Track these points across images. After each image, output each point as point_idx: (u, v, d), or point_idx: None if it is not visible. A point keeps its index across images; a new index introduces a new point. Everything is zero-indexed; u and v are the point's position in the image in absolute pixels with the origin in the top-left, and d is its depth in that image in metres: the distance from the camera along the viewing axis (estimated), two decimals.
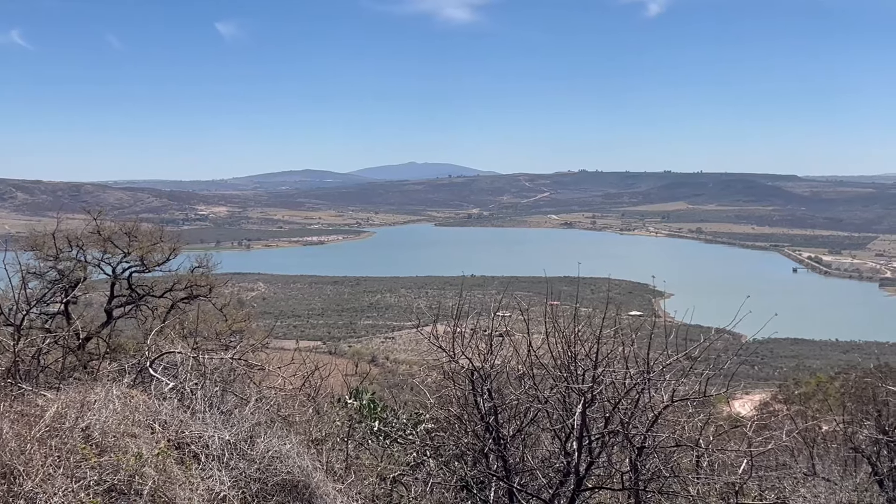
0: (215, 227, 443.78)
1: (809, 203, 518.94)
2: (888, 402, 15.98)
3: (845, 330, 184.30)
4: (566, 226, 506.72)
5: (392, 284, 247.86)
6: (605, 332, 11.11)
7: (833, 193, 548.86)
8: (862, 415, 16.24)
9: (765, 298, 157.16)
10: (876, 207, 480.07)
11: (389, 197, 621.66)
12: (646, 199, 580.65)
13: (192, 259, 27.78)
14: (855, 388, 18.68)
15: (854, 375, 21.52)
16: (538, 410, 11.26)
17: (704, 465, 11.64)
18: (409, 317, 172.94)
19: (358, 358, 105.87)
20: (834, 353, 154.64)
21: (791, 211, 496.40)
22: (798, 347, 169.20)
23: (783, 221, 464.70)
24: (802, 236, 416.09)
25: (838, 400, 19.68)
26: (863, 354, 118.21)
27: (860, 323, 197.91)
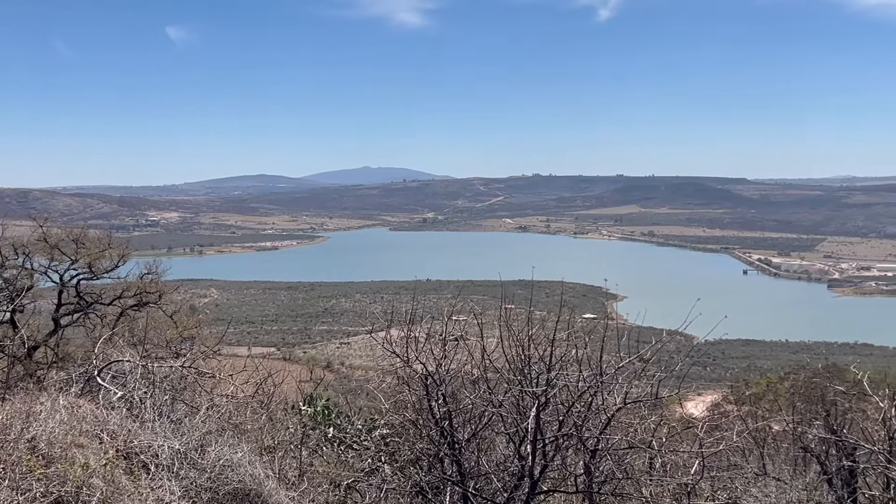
0: (167, 233, 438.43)
1: (759, 206, 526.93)
2: (836, 401, 16.23)
3: (795, 331, 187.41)
4: (521, 229, 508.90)
5: (347, 289, 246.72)
6: (559, 336, 11.15)
7: (782, 196, 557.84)
8: (811, 414, 16.49)
9: (716, 300, 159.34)
10: (824, 210, 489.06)
11: (344, 202, 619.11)
12: (599, 202, 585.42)
13: (141, 265, 27.43)
14: (804, 388, 19.01)
15: (803, 375, 21.89)
16: (493, 414, 11.26)
17: (657, 467, 11.72)
18: (365, 322, 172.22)
19: (312, 364, 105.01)
20: (784, 354, 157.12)
21: (741, 213, 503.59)
22: (749, 348, 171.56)
23: (733, 224, 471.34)
24: (752, 238, 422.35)
25: (788, 400, 19.98)
26: (812, 355, 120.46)
27: (809, 324, 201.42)
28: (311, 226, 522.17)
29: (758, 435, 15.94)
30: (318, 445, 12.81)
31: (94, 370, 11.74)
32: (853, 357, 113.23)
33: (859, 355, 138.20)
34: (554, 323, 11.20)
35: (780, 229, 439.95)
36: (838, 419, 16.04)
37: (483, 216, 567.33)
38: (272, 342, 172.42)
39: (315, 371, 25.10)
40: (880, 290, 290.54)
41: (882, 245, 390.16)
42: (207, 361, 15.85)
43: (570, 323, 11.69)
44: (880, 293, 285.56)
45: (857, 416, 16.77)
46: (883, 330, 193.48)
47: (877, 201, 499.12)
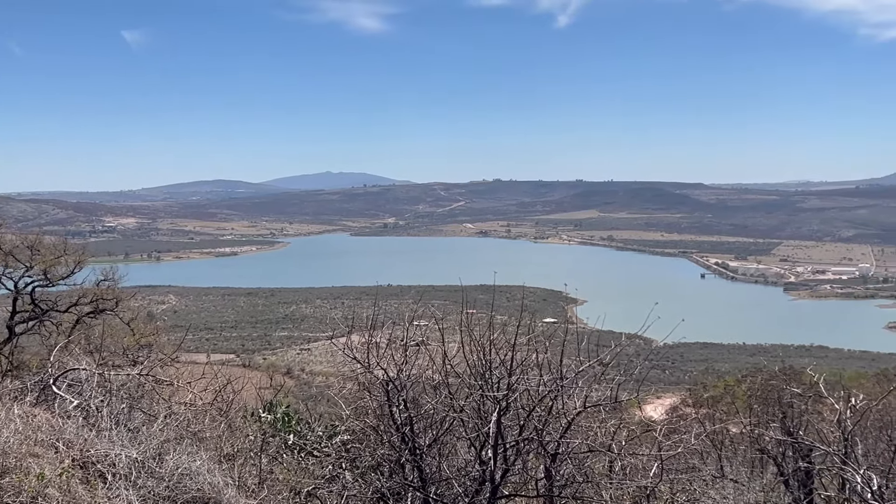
0: (124, 240, 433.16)
1: (716, 210, 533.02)
2: (793, 403, 16.47)
3: (752, 333, 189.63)
4: (482, 234, 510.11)
5: (307, 295, 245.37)
6: (520, 340, 11.19)
7: (738, 201, 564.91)
8: (768, 417, 16.72)
9: (674, 304, 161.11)
10: (780, 214, 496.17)
11: (304, 207, 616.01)
12: (559, 207, 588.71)
13: (97, 272, 27.09)
14: (761, 390, 19.23)
15: (760, 378, 22.14)
16: (454, 419, 11.26)
17: (617, 470, 11.82)
18: (325, 328, 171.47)
19: (273, 370, 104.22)
20: (741, 357, 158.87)
21: (698, 218, 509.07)
22: (707, 351, 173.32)
23: (691, 228, 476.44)
24: (710, 242, 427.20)
25: (745, 402, 20.22)
26: (769, 357, 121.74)
27: (766, 326, 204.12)
28: (270, 231, 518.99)
29: (716, 437, 16.14)
30: (278, 452, 12.72)
31: (50, 378, 11.57)
32: (809, 359, 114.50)
33: (815, 358, 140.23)
34: (515, 327, 11.24)
35: (737, 233, 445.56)
36: (794, 421, 16.29)
37: (444, 221, 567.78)
38: (231, 349, 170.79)
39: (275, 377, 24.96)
40: (835, 292, 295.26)
41: (836, 248, 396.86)
42: (165, 369, 15.67)
43: (531, 327, 11.74)
44: (835, 296, 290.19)
45: (813, 417, 17.04)
46: (838, 332, 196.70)
47: (831, 206, 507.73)
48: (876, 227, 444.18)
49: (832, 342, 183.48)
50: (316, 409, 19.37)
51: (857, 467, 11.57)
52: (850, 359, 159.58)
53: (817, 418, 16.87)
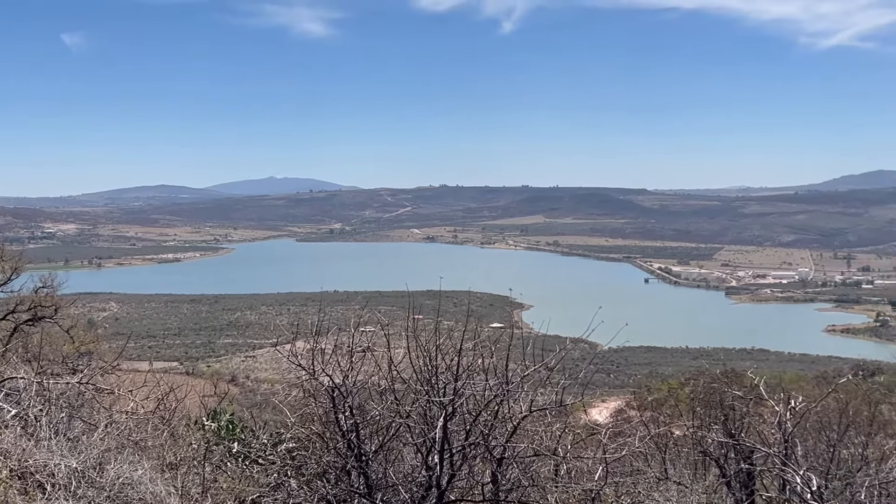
0: (64, 246, 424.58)
1: (659, 216, 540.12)
2: (734, 406, 16.74)
3: (695, 337, 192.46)
4: (428, 240, 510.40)
5: (252, 302, 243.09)
6: (466, 345, 11.20)
7: (681, 206, 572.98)
8: (710, 419, 16.98)
9: (619, 308, 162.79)
10: (721, 219, 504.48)
11: (249, 212, 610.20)
12: (505, 212, 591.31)
13: (36, 279, 26.54)
14: (703, 393, 19.53)
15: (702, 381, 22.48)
16: (400, 425, 11.23)
17: (562, 473, 11.89)
18: (270, 334, 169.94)
19: (217, 378, 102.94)
20: (685, 360, 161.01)
21: (642, 223, 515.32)
22: (651, 355, 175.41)
23: (635, 233, 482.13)
24: (653, 247, 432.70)
25: (688, 405, 20.51)
26: (711, 360, 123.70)
27: (708, 330, 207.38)
28: (214, 237, 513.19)
29: (660, 440, 16.33)
30: (222, 461, 12.57)
31: None
32: (750, 362, 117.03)
33: (756, 361, 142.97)
34: (461, 333, 11.25)
35: (680, 238, 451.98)
36: (736, 423, 16.57)
37: (391, 227, 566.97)
38: (175, 356, 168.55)
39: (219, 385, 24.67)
40: (775, 296, 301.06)
41: (776, 253, 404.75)
42: (106, 377, 15.39)
43: (477, 332, 11.76)
44: (775, 300, 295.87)
45: (755, 419, 17.34)
46: (778, 335, 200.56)
47: (771, 211, 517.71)
48: (814, 232, 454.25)
49: (773, 345, 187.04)
50: (261, 417, 19.18)
51: (797, 468, 11.80)
52: (790, 362, 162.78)
53: (758, 420, 17.18)
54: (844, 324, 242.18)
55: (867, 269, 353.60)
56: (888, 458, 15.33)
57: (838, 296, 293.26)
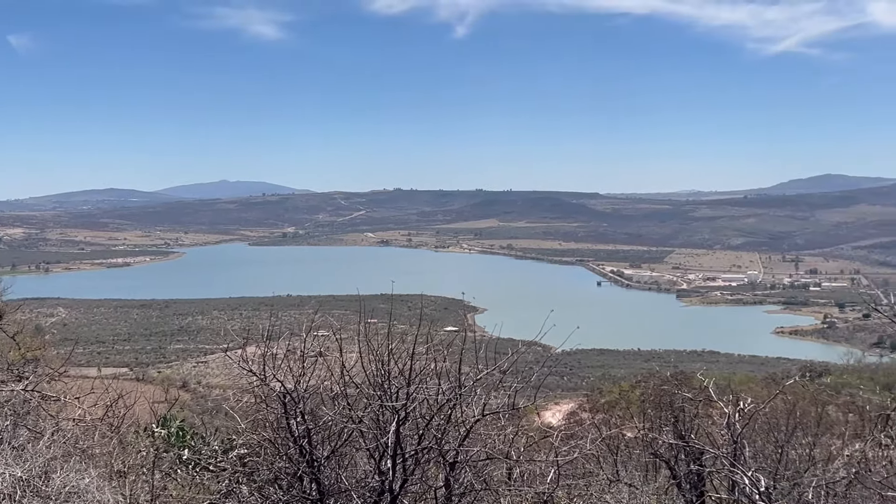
0: (10, 250, 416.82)
1: (611, 219, 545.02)
2: (684, 408, 16.94)
3: (647, 339, 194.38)
4: (383, 243, 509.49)
5: (203, 306, 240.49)
6: (419, 349, 11.19)
7: (633, 210, 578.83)
8: (661, 421, 17.16)
9: (573, 311, 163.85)
10: (672, 223, 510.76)
11: (200, 216, 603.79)
12: (459, 216, 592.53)
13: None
14: (654, 395, 19.74)
15: (653, 383, 22.72)
16: (353, 430, 11.17)
17: (516, 476, 11.91)
18: (222, 339, 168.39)
19: (168, 384, 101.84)
20: (637, 362, 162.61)
21: (594, 227, 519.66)
22: (604, 357, 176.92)
23: (587, 237, 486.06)
24: (605, 251, 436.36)
25: (639, 407, 20.71)
26: (662, 363, 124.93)
27: (660, 332, 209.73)
28: (165, 241, 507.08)
29: (611, 442, 16.46)
30: (171, 468, 12.41)
31: None
32: (701, 364, 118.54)
33: (706, 362, 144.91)
34: (414, 337, 11.23)
35: (632, 242, 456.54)
36: (686, 425, 16.77)
37: (345, 230, 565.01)
38: (124, 362, 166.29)
39: (170, 391, 24.34)
40: (725, 299, 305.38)
41: (726, 256, 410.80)
42: (53, 384, 15.12)
43: (430, 336, 11.75)
44: (725, 302, 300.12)
45: (704, 421, 17.57)
46: (728, 337, 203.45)
47: (721, 215, 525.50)
48: (763, 236, 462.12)
49: (723, 347, 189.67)
50: (212, 423, 18.99)
51: (746, 469, 11.96)
52: (739, 363, 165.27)
53: (708, 422, 17.40)
54: (793, 325, 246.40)
55: (815, 272, 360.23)
56: (835, 459, 15.64)
57: (787, 298, 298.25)
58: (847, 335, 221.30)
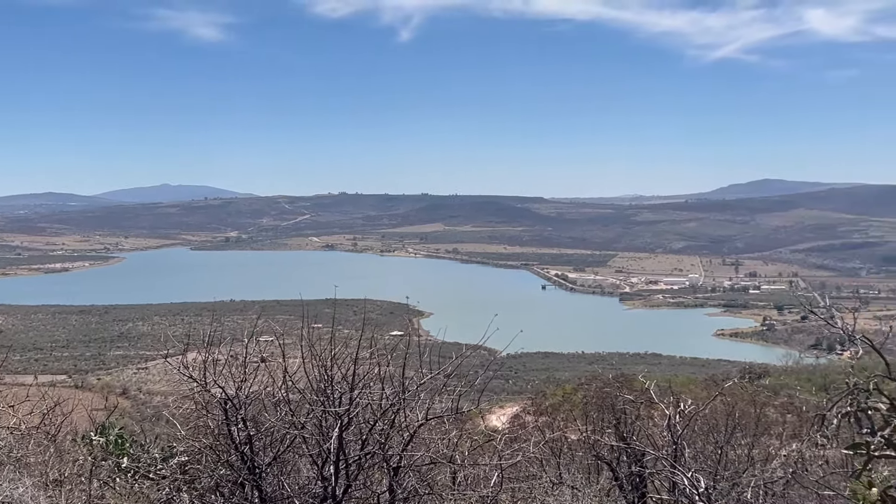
0: None
1: (555, 223, 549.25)
2: (626, 410, 17.13)
3: (591, 342, 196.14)
4: (328, 248, 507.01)
5: (145, 312, 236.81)
6: (363, 354, 11.14)
7: (576, 214, 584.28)
8: (603, 423, 17.34)
9: (518, 314, 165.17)
10: (615, 227, 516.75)
11: (140, 220, 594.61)
12: (405, 220, 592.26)
13: None
14: (596, 397, 19.94)
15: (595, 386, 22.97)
16: (295, 436, 11.07)
17: (460, 481, 11.92)
18: (163, 345, 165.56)
19: (107, 391, 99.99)
20: (581, 365, 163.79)
21: (539, 231, 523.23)
22: (548, 360, 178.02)
23: (532, 241, 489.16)
24: (550, 255, 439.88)
25: (582, 410, 20.89)
26: (606, 365, 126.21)
27: (604, 335, 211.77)
28: (105, 246, 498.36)
29: (554, 445, 16.58)
30: (110, 477, 12.18)
31: None
32: (644, 366, 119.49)
33: (649, 365, 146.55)
34: (358, 341, 11.19)
35: (576, 246, 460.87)
36: (628, 427, 16.95)
37: (289, 235, 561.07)
38: (63, 369, 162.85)
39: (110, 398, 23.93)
40: (667, 302, 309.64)
41: (668, 260, 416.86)
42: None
43: (374, 341, 11.72)
44: (667, 305, 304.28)
45: (646, 423, 17.77)
46: (670, 340, 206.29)
47: (662, 219, 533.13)
48: (704, 239, 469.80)
49: (665, 350, 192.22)
50: (153, 430, 18.70)
51: (686, 470, 12.12)
52: (681, 365, 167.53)
53: (649, 423, 17.61)
54: (733, 328, 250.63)
55: (754, 275, 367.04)
56: (773, 458, 15.93)
57: (727, 301, 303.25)
58: (785, 337, 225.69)
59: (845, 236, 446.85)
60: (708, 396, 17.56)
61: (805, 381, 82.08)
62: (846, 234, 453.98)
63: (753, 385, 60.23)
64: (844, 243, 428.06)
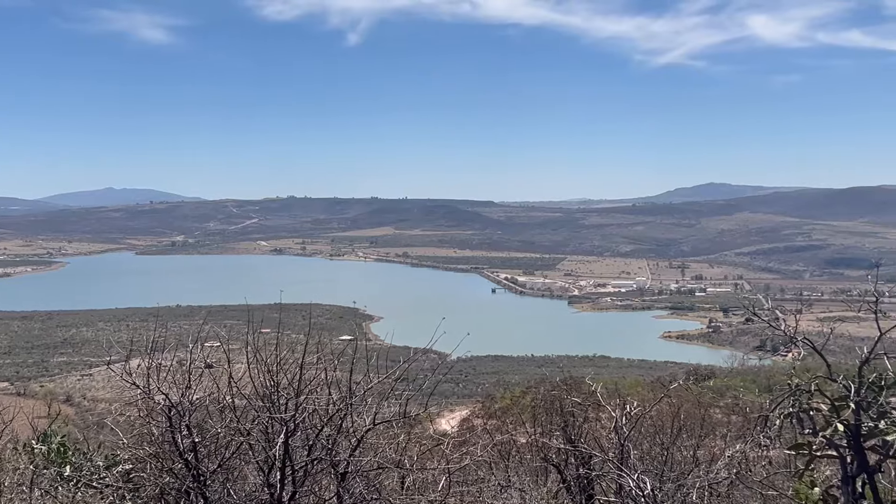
0: None
1: (505, 227, 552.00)
2: (574, 412, 17.25)
3: (540, 345, 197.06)
4: (276, 252, 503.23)
5: (89, 318, 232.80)
6: (310, 359, 11.06)
7: (526, 218, 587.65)
8: (552, 426, 17.43)
9: (468, 318, 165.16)
10: (564, 231, 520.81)
11: (85, 225, 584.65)
12: (354, 224, 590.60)
13: None
14: (545, 400, 20.04)
15: (543, 389, 23.09)
16: (241, 443, 10.95)
17: (408, 485, 11.90)
18: (108, 352, 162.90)
19: (51, 398, 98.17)
20: (530, 368, 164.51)
21: (489, 235, 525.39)
22: (498, 363, 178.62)
23: (482, 245, 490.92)
24: (500, 258, 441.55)
25: (531, 413, 20.99)
26: (555, 368, 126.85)
27: (553, 338, 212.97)
28: (47, 251, 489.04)
29: (503, 448, 16.64)
30: (52, 486, 11.94)
31: None
32: (593, 369, 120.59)
33: (597, 367, 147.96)
34: (304, 346, 11.11)
35: (525, 249, 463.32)
36: (576, 429, 17.07)
37: (237, 239, 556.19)
38: (5, 376, 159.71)
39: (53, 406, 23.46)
40: (614, 305, 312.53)
41: (615, 263, 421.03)
42: None
43: (321, 346, 11.65)
44: (615, 308, 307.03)
45: (594, 425, 17.92)
46: (618, 342, 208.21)
47: (610, 222, 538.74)
48: (651, 243, 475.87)
49: (613, 352, 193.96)
50: (96, 438, 18.37)
51: (632, 472, 12.23)
52: (629, 367, 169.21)
53: (597, 426, 17.76)
54: (679, 330, 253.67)
55: (700, 278, 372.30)
56: (717, 459, 16.13)
57: (674, 303, 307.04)
58: (731, 339, 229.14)
59: (789, 239, 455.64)
60: (654, 398, 17.73)
61: (750, 382, 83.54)
62: (790, 237, 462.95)
63: (699, 387, 61.09)
64: (788, 246, 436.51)
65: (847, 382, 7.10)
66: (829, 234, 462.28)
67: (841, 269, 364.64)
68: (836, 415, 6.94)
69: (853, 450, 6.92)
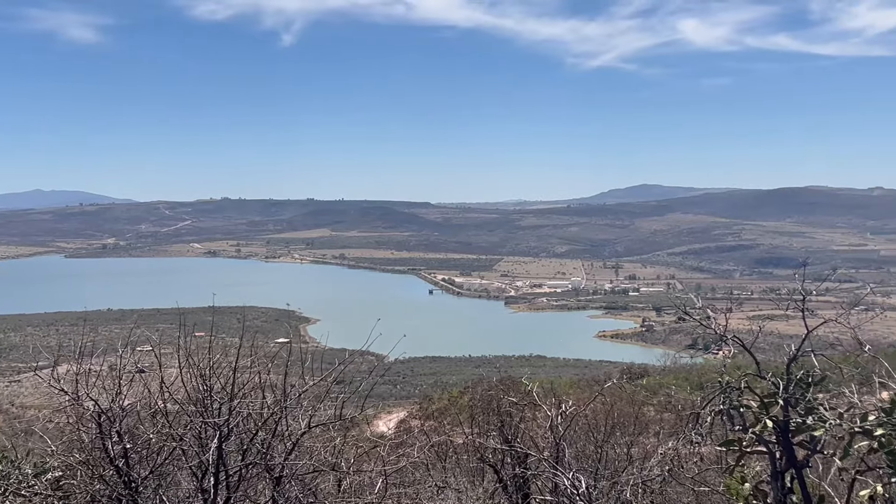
0: None
1: (442, 228, 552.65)
2: (510, 412, 17.36)
3: (477, 346, 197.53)
4: (210, 254, 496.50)
5: (17, 322, 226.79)
6: (243, 363, 10.94)
7: (463, 219, 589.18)
8: (488, 426, 17.52)
9: (405, 319, 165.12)
10: (500, 232, 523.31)
11: (11, 227, 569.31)
12: (290, 226, 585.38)
13: None
14: (481, 401, 20.13)
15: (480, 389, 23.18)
16: (174, 449, 10.79)
17: (345, 488, 11.85)
18: (35, 357, 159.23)
19: None
20: (468, 369, 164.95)
21: (426, 236, 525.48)
22: (436, 365, 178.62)
23: (419, 246, 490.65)
24: (437, 259, 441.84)
25: (468, 413, 21.07)
26: (492, 368, 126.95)
27: (490, 339, 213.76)
28: None
29: (440, 449, 16.66)
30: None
31: None
32: (529, 369, 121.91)
33: (534, 367, 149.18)
34: (244, 350, 10.99)
35: (462, 250, 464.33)
36: (512, 429, 17.18)
37: (169, 241, 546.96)
38: None
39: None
40: (550, 305, 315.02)
41: (551, 263, 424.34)
42: None
43: (255, 349, 11.54)
44: (550, 308, 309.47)
45: (530, 425, 18.05)
46: (554, 342, 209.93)
47: (546, 223, 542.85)
48: (585, 243, 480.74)
49: (549, 352, 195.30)
50: (25, 446, 17.90)
51: (567, 470, 12.35)
52: (565, 367, 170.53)
53: (533, 425, 17.89)
54: (614, 329, 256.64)
55: (634, 278, 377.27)
56: (650, 456, 16.38)
57: (608, 303, 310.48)
58: (664, 338, 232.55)
59: (719, 239, 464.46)
60: (589, 397, 17.95)
61: (682, 380, 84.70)
62: (720, 237, 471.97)
63: (632, 385, 61.82)
64: (719, 246, 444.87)
65: (776, 380, 7.26)
66: (758, 234, 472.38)
67: (770, 269, 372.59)
68: (766, 411, 7.09)
69: (782, 445, 7.08)
